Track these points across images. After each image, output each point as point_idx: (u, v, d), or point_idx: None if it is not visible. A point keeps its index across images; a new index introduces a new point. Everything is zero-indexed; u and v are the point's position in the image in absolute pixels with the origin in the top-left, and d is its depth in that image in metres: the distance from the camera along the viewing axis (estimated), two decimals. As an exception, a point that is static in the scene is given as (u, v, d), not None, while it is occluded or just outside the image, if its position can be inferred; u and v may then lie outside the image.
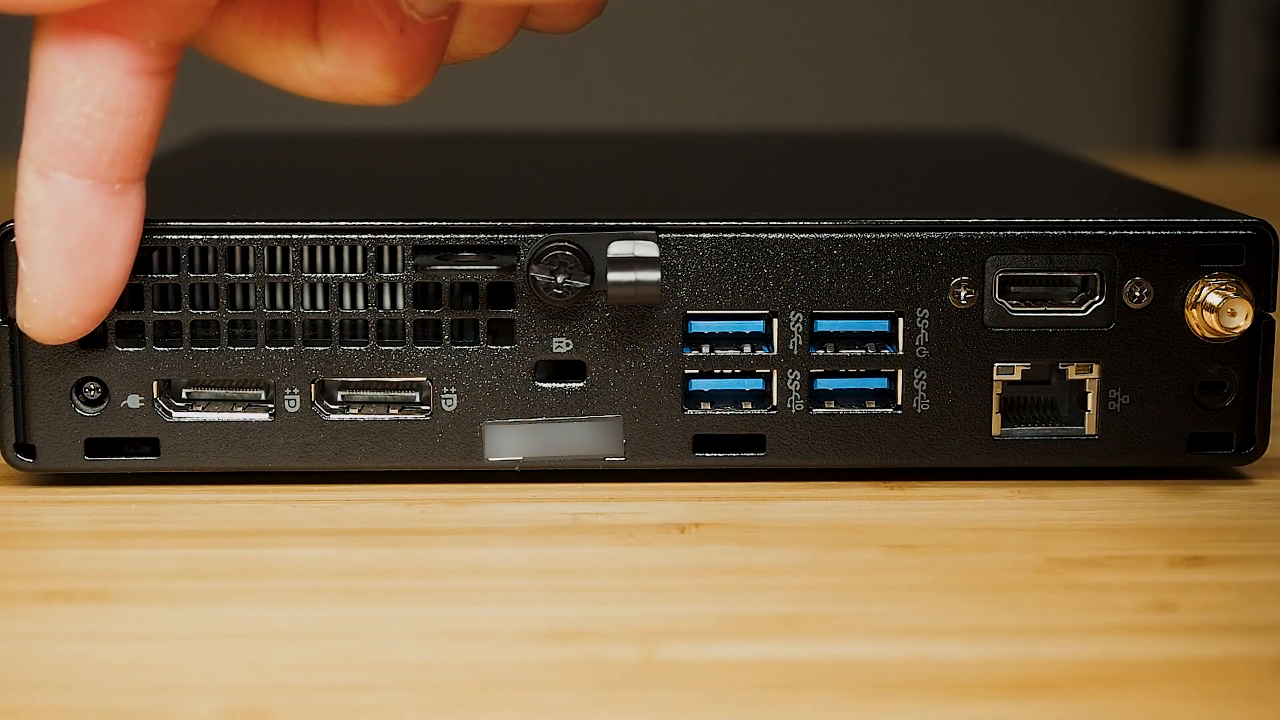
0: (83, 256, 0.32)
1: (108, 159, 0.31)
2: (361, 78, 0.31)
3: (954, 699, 0.26)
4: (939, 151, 0.53)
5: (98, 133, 0.31)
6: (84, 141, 0.31)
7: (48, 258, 0.32)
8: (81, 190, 0.31)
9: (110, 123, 0.31)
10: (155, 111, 0.31)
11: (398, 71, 0.31)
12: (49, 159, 0.31)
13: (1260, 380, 0.35)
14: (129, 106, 0.31)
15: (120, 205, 0.32)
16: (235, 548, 0.33)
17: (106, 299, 0.32)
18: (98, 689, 0.26)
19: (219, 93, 1.55)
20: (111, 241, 0.32)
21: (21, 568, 0.32)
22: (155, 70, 0.31)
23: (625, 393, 0.35)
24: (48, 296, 0.32)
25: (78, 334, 0.33)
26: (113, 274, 0.32)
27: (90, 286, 0.32)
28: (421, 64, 0.31)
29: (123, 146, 0.31)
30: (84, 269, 0.32)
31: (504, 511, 0.35)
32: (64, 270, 0.32)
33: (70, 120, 0.31)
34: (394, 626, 0.29)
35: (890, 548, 0.32)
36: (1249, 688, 0.26)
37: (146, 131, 0.31)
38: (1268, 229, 0.35)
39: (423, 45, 0.31)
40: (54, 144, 0.31)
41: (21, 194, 0.31)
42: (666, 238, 0.35)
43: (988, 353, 0.35)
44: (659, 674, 0.27)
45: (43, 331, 0.33)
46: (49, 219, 0.31)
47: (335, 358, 0.35)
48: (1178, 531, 0.33)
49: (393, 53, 0.31)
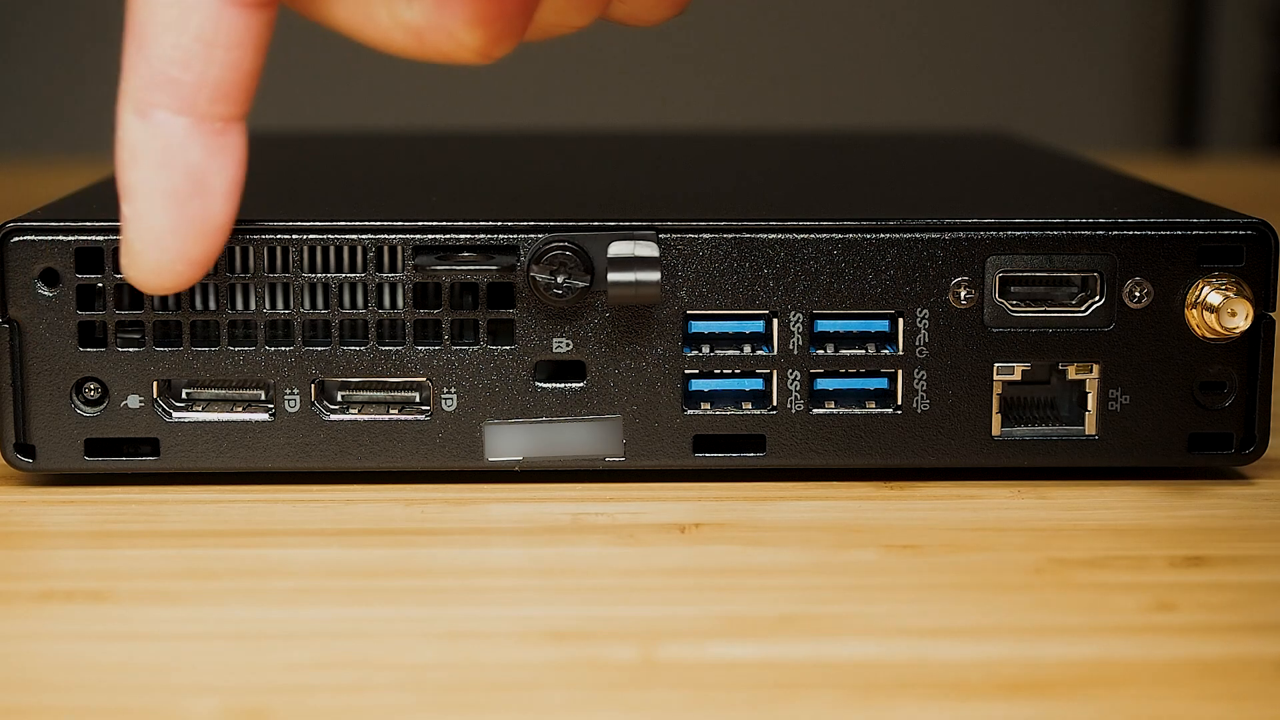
0: (185, 197, 0.31)
1: (207, 94, 0.30)
2: (448, 29, 0.30)
3: (954, 699, 0.26)
4: (939, 151, 0.53)
5: (195, 66, 0.30)
6: (182, 75, 0.30)
7: (149, 200, 0.31)
8: (181, 128, 0.30)
9: (208, 55, 0.30)
10: (255, 46, 0.30)
11: (485, 25, 0.30)
12: (147, 95, 0.30)
13: (1260, 380, 0.35)
14: (226, 39, 0.30)
15: (222, 144, 0.31)
16: (235, 548, 0.33)
17: (212, 243, 0.31)
18: (98, 689, 0.26)
19: (219, 93, 1.55)
20: (214, 181, 0.31)
21: (21, 568, 0.32)
22: (253, 2, 0.30)
23: (625, 393, 0.35)
24: (151, 241, 0.31)
25: (183, 281, 0.32)
26: (217, 216, 0.31)
27: (195, 229, 0.31)
28: (509, 21, 0.30)
29: (222, 81, 0.30)
30: (187, 210, 0.31)
31: (504, 511, 0.35)
32: (167, 212, 0.31)
33: (166, 53, 0.30)
34: (394, 626, 0.29)
35: (890, 548, 0.32)
36: (1249, 688, 0.26)
37: (246, 68, 0.30)
38: (1268, 229, 0.35)
39: (512, 1, 0.30)
40: (151, 79, 0.30)
41: (120, 134, 0.31)
42: (666, 238, 0.35)
43: (988, 353, 0.35)
44: (659, 674, 0.27)
45: (149, 279, 0.32)
46: (149, 159, 0.30)
47: (335, 358, 0.35)
48: (1178, 531, 0.33)
49: (483, 5, 0.30)
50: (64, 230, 0.34)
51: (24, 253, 0.34)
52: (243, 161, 0.31)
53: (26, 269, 0.34)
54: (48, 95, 1.55)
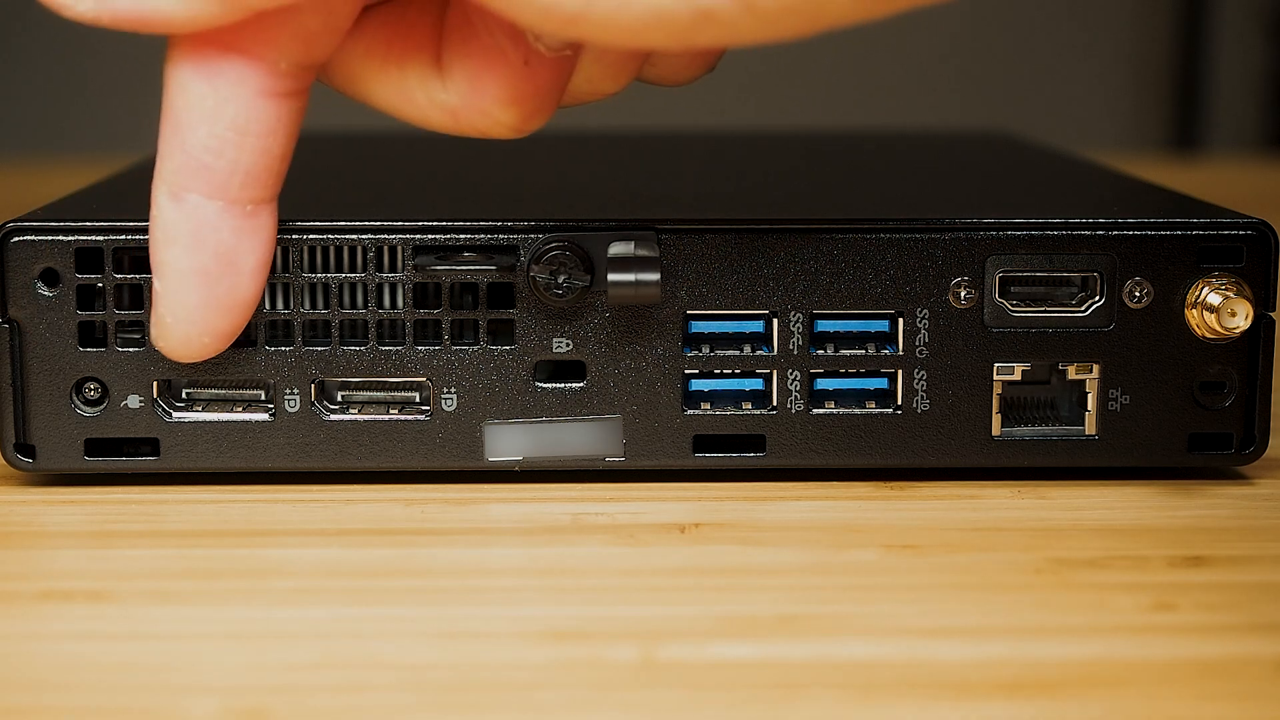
0: (215, 276, 0.32)
1: (239, 180, 0.31)
2: (483, 108, 0.31)
3: (954, 699, 0.26)
4: (939, 151, 0.53)
5: (229, 153, 0.31)
6: (215, 162, 0.31)
7: (181, 278, 0.32)
8: (214, 211, 0.31)
9: (241, 143, 0.31)
10: (286, 133, 0.31)
11: (519, 104, 0.31)
12: (181, 180, 0.31)
13: (1260, 380, 0.35)
14: (259, 128, 0.31)
15: (252, 226, 0.32)
16: (235, 548, 0.33)
17: (239, 317, 0.33)
18: (98, 689, 0.26)
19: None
20: (244, 261, 0.32)
21: (21, 568, 0.32)
22: (286, 92, 0.31)
23: (625, 393, 0.35)
24: (181, 315, 0.32)
25: (210, 352, 0.33)
26: (245, 293, 0.32)
27: (223, 305, 0.32)
28: (543, 98, 0.31)
29: (253, 167, 0.31)
30: (217, 289, 0.32)
31: (504, 511, 0.35)
32: (197, 290, 0.32)
33: (202, 141, 0.31)
34: (394, 626, 0.29)
35: (890, 548, 0.32)
36: (1249, 688, 0.26)
37: (278, 153, 0.31)
38: (1268, 229, 0.35)
39: (545, 79, 0.31)
40: (186, 165, 0.31)
41: (155, 214, 0.32)
42: (666, 238, 0.35)
43: (988, 353, 0.35)
44: (659, 674, 0.27)
45: (177, 350, 0.33)
46: (181, 239, 0.31)
47: (335, 358, 0.35)
48: (1178, 531, 0.33)
49: (516, 85, 0.31)
50: (64, 230, 0.34)
51: (24, 253, 0.34)
52: (272, 241, 0.32)
53: (26, 269, 0.34)
54: (48, 95, 1.55)
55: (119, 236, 0.34)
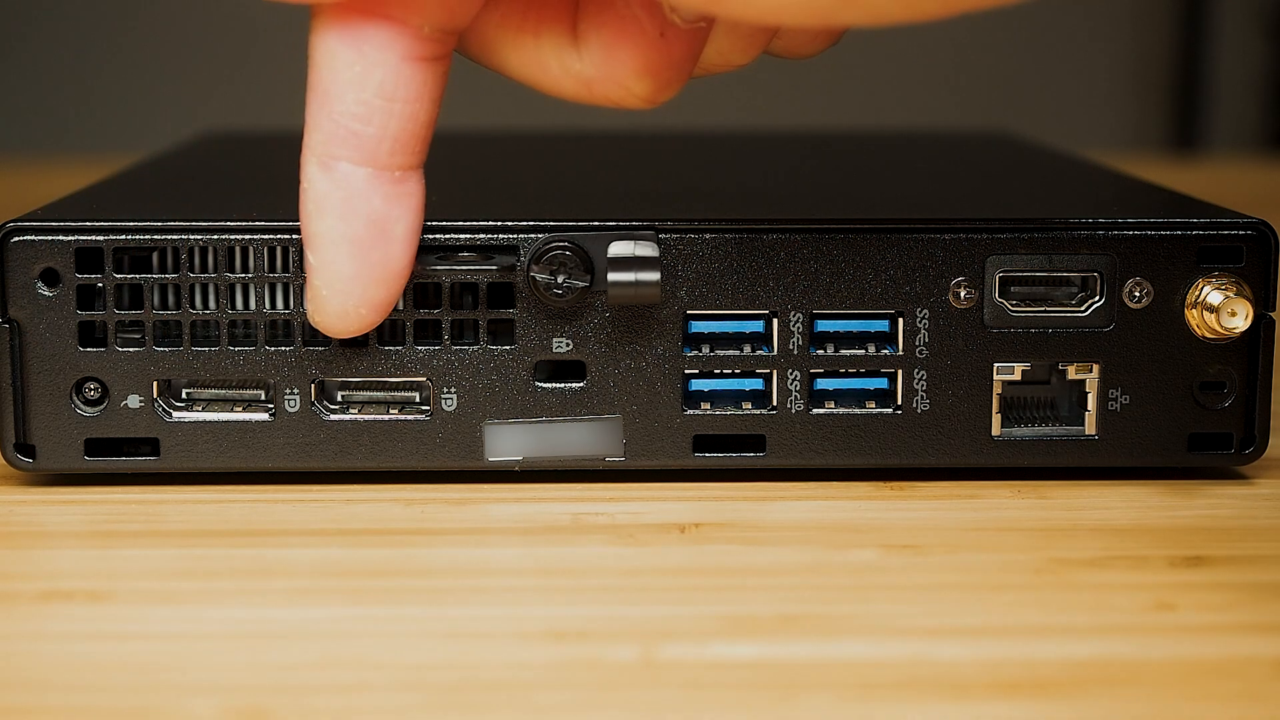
0: (368, 245, 0.32)
1: (387, 146, 0.31)
2: (616, 79, 0.31)
3: (954, 699, 0.26)
4: (939, 151, 0.53)
5: (376, 120, 0.31)
6: (364, 129, 0.31)
7: (334, 248, 0.32)
8: (363, 179, 0.31)
9: (388, 109, 0.31)
10: (431, 98, 0.31)
11: (653, 75, 0.31)
12: (330, 149, 0.31)
13: (1260, 380, 0.35)
14: (406, 93, 0.31)
15: (401, 192, 0.32)
16: (235, 548, 0.33)
17: (393, 287, 0.32)
18: (98, 689, 0.26)
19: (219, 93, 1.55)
20: (395, 228, 0.32)
21: (21, 568, 0.32)
22: (430, 56, 0.31)
23: (625, 393, 0.35)
24: (337, 287, 0.32)
25: (366, 325, 0.33)
26: (398, 262, 0.32)
27: (377, 274, 0.32)
28: (676, 69, 0.31)
29: (401, 133, 0.31)
30: (370, 257, 0.32)
31: (504, 511, 0.35)
32: (351, 260, 0.32)
33: (349, 109, 0.31)
34: (394, 626, 0.29)
35: (890, 548, 0.32)
36: (1249, 688, 0.26)
37: (424, 119, 0.31)
38: (1268, 229, 0.35)
39: (680, 50, 0.31)
40: (334, 134, 0.31)
41: (305, 187, 0.32)
42: (666, 238, 0.35)
43: (988, 353, 0.35)
44: (659, 674, 0.27)
45: (334, 323, 0.33)
46: (333, 209, 0.31)
47: (335, 358, 0.35)
48: (1178, 531, 0.33)
49: (650, 55, 0.31)
50: (64, 230, 0.34)
51: (24, 253, 0.34)
52: (421, 208, 0.32)
53: (26, 269, 0.34)
54: (48, 95, 1.55)
55: (119, 236, 0.34)
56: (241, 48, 1.54)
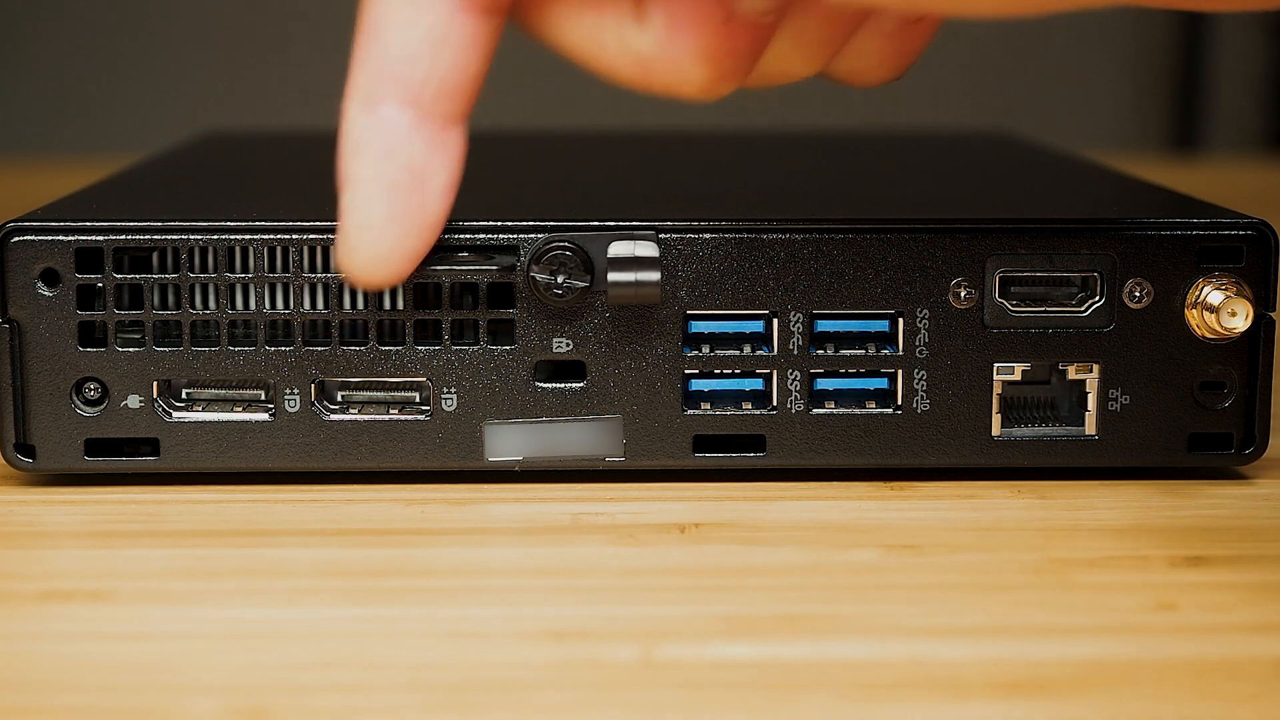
0: (404, 191, 0.31)
1: (432, 91, 0.31)
2: (675, 61, 0.30)
3: (954, 699, 0.26)
4: (939, 151, 0.53)
5: (424, 63, 0.31)
6: (411, 71, 0.31)
7: (370, 191, 0.31)
8: (406, 122, 0.31)
9: (436, 54, 0.31)
10: (482, 51, 0.31)
11: (713, 62, 0.30)
12: (375, 88, 0.31)
13: (1260, 380, 0.35)
14: (456, 41, 0.31)
15: (443, 142, 0.31)
16: (235, 548, 0.33)
17: (426, 237, 0.32)
18: (98, 689, 0.26)
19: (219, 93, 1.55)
20: (432, 179, 0.32)
21: (21, 568, 0.32)
22: (484, 8, 0.31)
23: (625, 393, 0.35)
24: (369, 233, 0.32)
25: (394, 275, 0.32)
26: (432, 212, 0.32)
27: (411, 222, 0.32)
28: (736, 60, 0.31)
29: (447, 81, 0.31)
30: (406, 204, 0.32)
31: (504, 511, 0.35)
32: (386, 204, 0.31)
33: (397, 50, 0.31)
34: (394, 626, 0.29)
35: (890, 548, 0.32)
36: (1249, 688, 0.26)
37: (472, 71, 0.31)
38: (1268, 229, 0.35)
39: (742, 41, 0.30)
40: (381, 74, 0.31)
41: (346, 127, 0.31)
42: (666, 238, 0.35)
43: (988, 353, 0.35)
44: (659, 674, 0.27)
45: (364, 268, 0.32)
46: (372, 151, 0.31)
47: (335, 358, 0.35)
48: (1178, 531, 0.33)
49: (713, 41, 0.30)
50: (64, 230, 0.34)
51: (24, 253, 0.34)
52: (460, 162, 0.32)
53: (26, 269, 0.34)
54: (48, 95, 1.55)
55: (119, 236, 0.34)
56: (241, 48, 1.54)
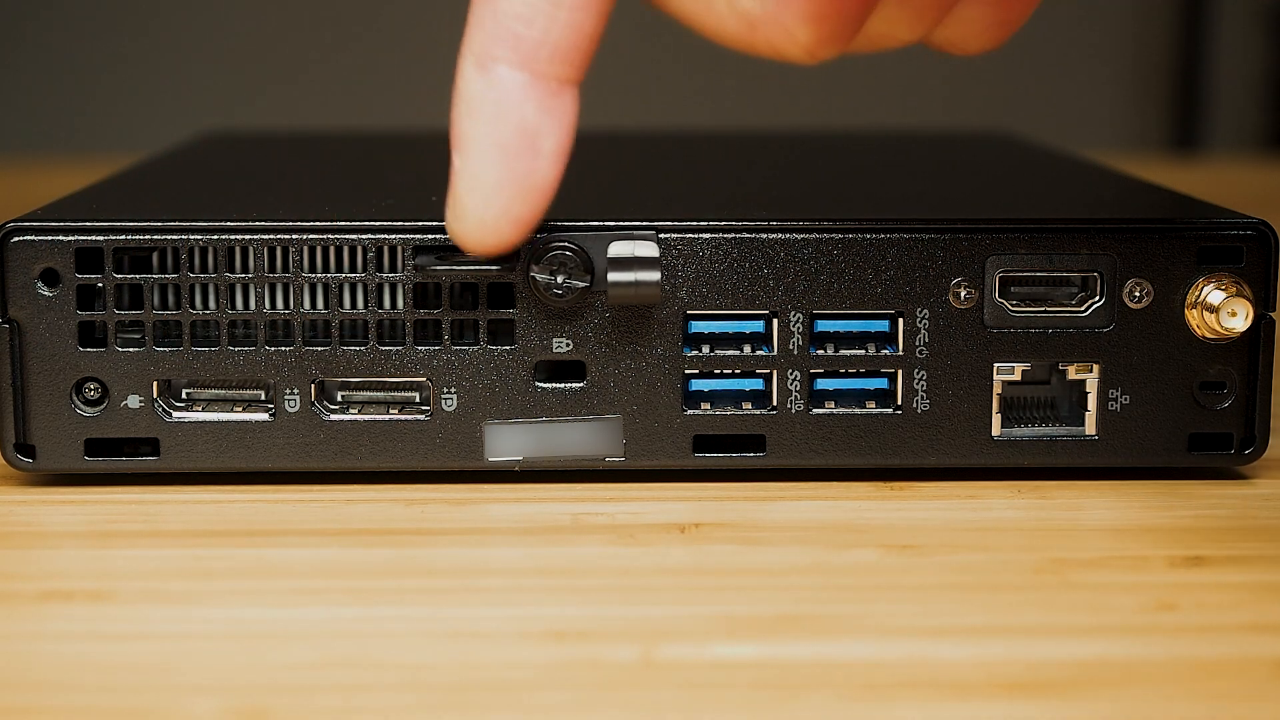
0: (515, 153, 0.31)
1: (547, 52, 0.31)
2: (781, 21, 0.30)
3: (954, 699, 0.26)
4: (940, 152, 0.53)
5: (539, 23, 0.30)
6: (525, 31, 0.30)
7: (481, 152, 0.31)
8: (519, 84, 0.31)
9: (553, 14, 0.30)
10: (598, 11, 0.31)
11: (818, 22, 0.30)
12: (489, 48, 0.31)
13: (1260, 380, 0.35)
14: (573, 1, 0.30)
15: (555, 106, 0.31)
16: (235, 548, 0.33)
17: (536, 203, 0.32)
18: (98, 689, 0.26)
19: (219, 93, 1.55)
20: (544, 142, 0.31)
21: (21, 568, 0.32)
22: None
23: (625, 393, 0.35)
24: (479, 194, 0.31)
25: (504, 240, 0.32)
26: (543, 176, 0.32)
27: (521, 185, 0.32)
28: (843, 21, 0.30)
29: (563, 41, 0.31)
30: (516, 166, 0.31)
31: (504, 511, 0.35)
32: (496, 166, 0.31)
33: (513, 9, 0.30)
34: (394, 626, 0.29)
35: (890, 548, 0.32)
36: (1249, 688, 0.26)
37: (588, 31, 0.31)
38: (1268, 229, 0.35)
39: (849, 2, 0.30)
40: (495, 33, 0.31)
41: (459, 86, 0.31)
42: (666, 238, 0.35)
43: (988, 353, 0.35)
44: (659, 674, 0.27)
45: (472, 232, 0.32)
46: (484, 111, 0.31)
47: (335, 358, 0.35)
48: (1178, 531, 0.33)
49: (820, 2, 0.30)
50: (64, 230, 0.34)
51: (24, 253, 0.34)
52: (572, 127, 0.32)
53: (26, 269, 0.34)
54: (48, 95, 1.55)
55: (119, 236, 0.34)
56: (241, 48, 1.54)
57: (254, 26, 1.53)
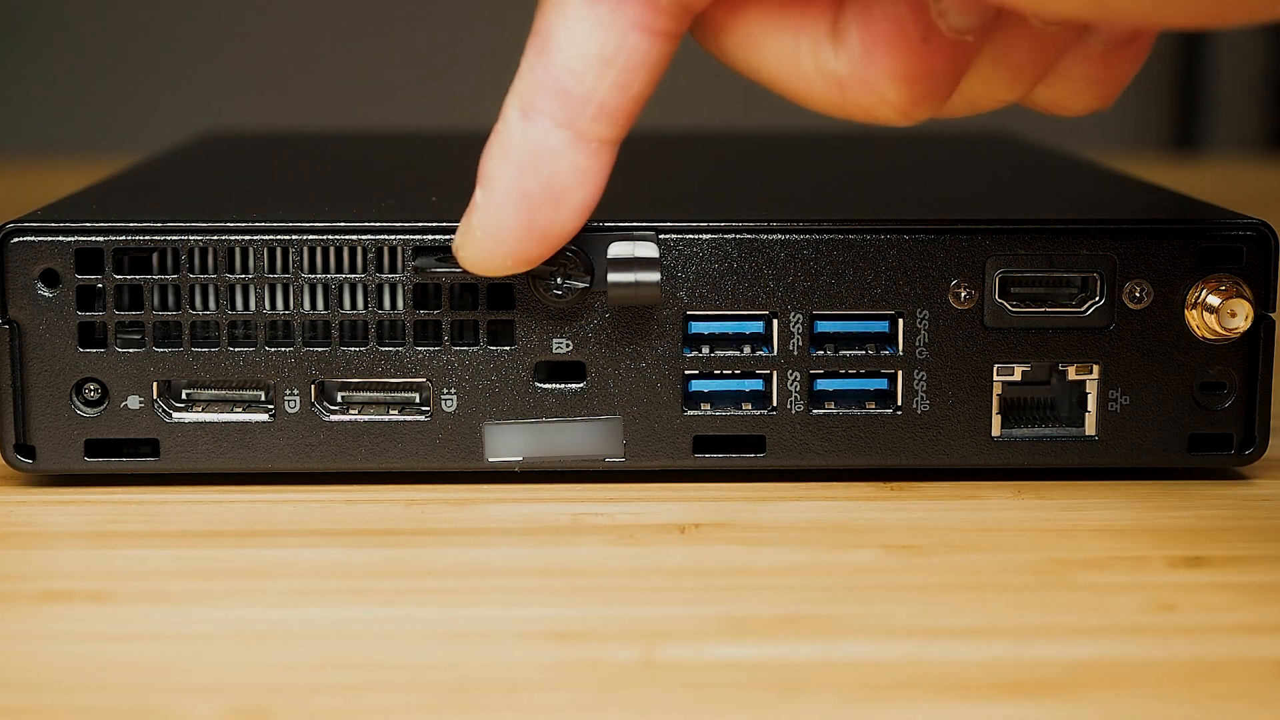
0: (539, 204, 0.31)
1: (592, 111, 0.30)
2: (871, 83, 0.30)
3: (954, 699, 0.26)
4: (940, 152, 0.53)
5: (589, 80, 0.30)
6: (574, 87, 0.30)
7: (506, 196, 0.31)
8: (559, 140, 0.31)
9: (604, 74, 0.30)
10: (650, 75, 0.30)
11: (910, 84, 0.30)
12: (535, 98, 0.31)
13: (1260, 380, 0.35)
14: (626, 61, 0.30)
15: (591, 165, 0.31)
16: (235, 548, 0.33)
17: (548, 249, 0.32)
18: (98, 689, 0.26)
19: (219, 93, 1.55)
20: (571, 198, 0.31)
21: (21, 568, 0.32)
22: (661, 31, 0.30)
23: (625, 393, 0.35)
24: (492, 233, 0.31)
25: (508, 272, 0.32)
26: (563, 229, 0.32)
27: (537, 234, 0.31)
28: (935, 81, 0.30)
29: (609, 101, 0.30)
30: (536, 217, 0.31)
31: (504, 511, 0.35)
32: (517, 213, 0.31)
33: (565, 63, 0.30)
34: (394, 626, 0.29)
35: (890, 548, 0.32)
36: (1249, 688, 0.26)
37: (635, 92, 0.31)
38: (1268, 229, 0.35)
39: (942, 61, 0.29)
40: (544, 84, 0.30)
41: (500, 127, 0.31)
42: (666, 238, 0.35)
43: (988, 353, 0.35)
44: (659, 674, 0.27)
45: (475, 264, 0.32)
46: (518, 158, 0.31)
47: (335, 358, 0.35)
48: (1178, 531, 0.33)
49: (910, 61, 0.29)
50: (64, 230, 0.34)
51: (24, 253, 0.34)
52: (603, 184, 0.32)
53: (26, 269, 0.34)
54: (48, 95, 1.55)
55: (119, 236, 0.34)
56: (241, 48, 1.54)
57: (254, 26, 1.53)
